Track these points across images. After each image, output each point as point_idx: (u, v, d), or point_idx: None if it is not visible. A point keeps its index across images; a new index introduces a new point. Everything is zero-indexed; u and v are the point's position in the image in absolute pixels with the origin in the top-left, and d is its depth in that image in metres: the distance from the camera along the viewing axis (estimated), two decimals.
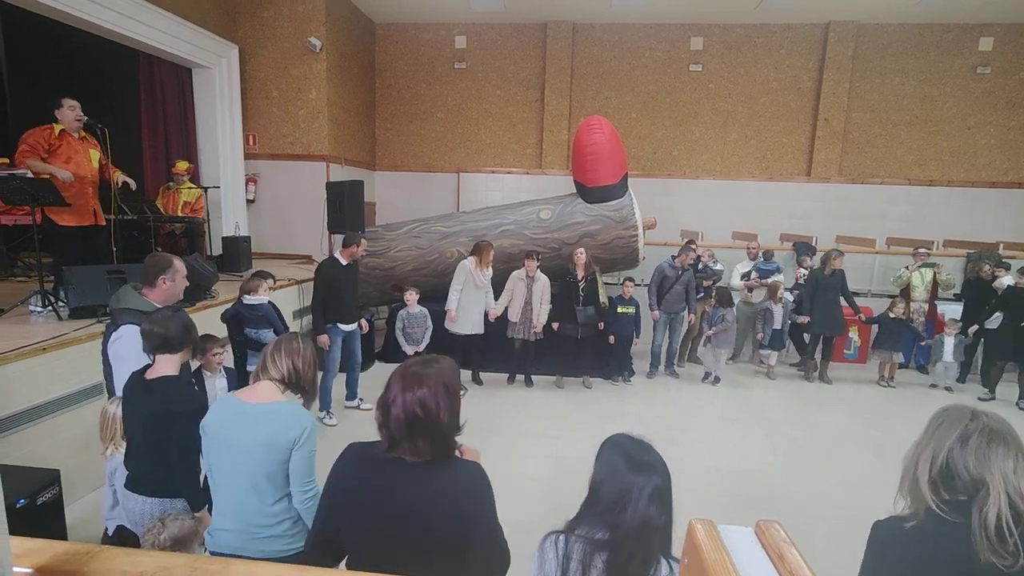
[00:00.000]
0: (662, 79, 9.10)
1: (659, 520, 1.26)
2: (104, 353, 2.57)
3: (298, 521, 1.88)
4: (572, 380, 6.04)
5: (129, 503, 2.14)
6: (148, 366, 2.17)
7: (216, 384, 3.26)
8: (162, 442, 2.05)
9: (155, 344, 2.11)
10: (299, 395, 1.94)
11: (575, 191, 6.59)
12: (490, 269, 5.68)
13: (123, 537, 2.40)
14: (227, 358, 3.63)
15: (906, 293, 6.72)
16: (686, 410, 5.47)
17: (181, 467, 2.07)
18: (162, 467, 2.07)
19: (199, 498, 2.11)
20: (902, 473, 1.32)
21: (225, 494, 1.85)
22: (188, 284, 2.79)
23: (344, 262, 4.75)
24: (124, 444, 2.32)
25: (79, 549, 1.29)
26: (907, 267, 6.75)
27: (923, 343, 6.54)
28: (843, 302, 6.32)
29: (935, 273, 6.59)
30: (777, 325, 6.42)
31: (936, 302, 6.92)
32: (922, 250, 6.75)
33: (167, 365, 2.12)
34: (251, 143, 7.73)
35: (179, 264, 2.69)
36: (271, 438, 1.78)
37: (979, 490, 1.18)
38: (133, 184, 4.69)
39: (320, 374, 1.91)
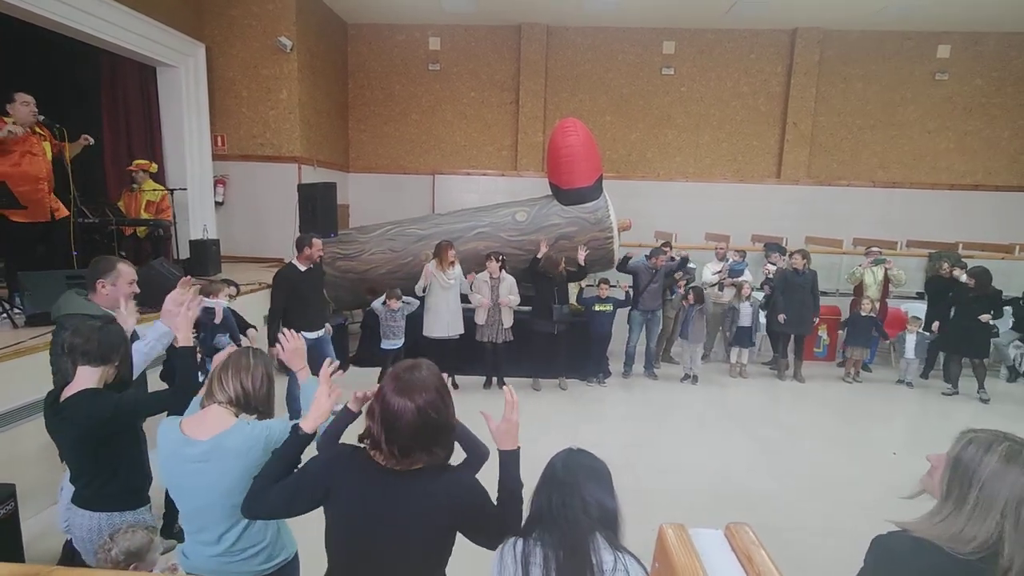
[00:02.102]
0: (635, 82, 9.20)
1: (599, 514, 1.32)
2: (54, 364, 2.46)
3: (275, 538, 1.82)
4: (548, 382, 6.05)
5: (76, 518, 2.04)
6: (65, 384, 2.01)
7: None
8: (100, 456, 1.96)
9: (74, 358, 1.96)
10: (260, 412, 1.79)
11: (550, 193, 6.60)
12: (455, 267, 5.63)
13: (71, 554, 2.31)
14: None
15: (860, 291, 6.90)
16: (661, 410, 5.53)
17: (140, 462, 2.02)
18: (105, 481, 2.00)
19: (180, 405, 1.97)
20: (974, 505, 1.11)
21: (196, 521, 1.74)
22: (139, 291, 2.62)
23: (303, 268, 4.55)
24: None
25: (27, 571, 1.23)
26: (860, 265, 6.92)
27: (887, 340, 6.74)
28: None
29: (886, 270, 6.77)
30: (745, 323, 6.53)
31: (888, 300, 7.08)
32: (874, 248, 6.94)
33: (87, 378, 1.96)
34: (219, 144, 7.55)
35: (124, 268, 2.54)
36: (229, 470, 1.66)
37: None
38: (89, 140, 4.71)
39: (272, 393, 1.83)
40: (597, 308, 6.01)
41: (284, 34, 7.27)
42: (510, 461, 1.48)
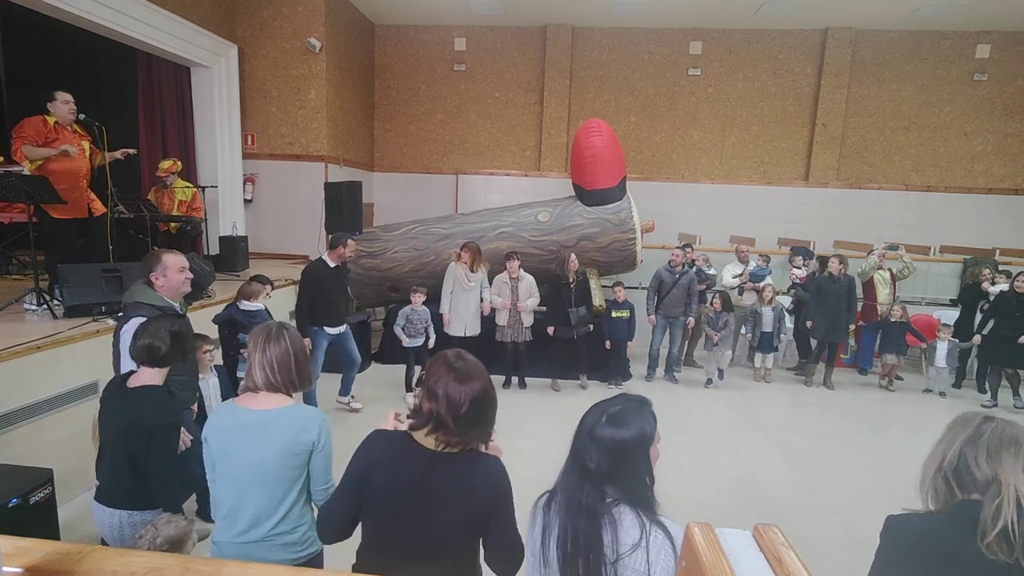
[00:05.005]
0: (661, 83, 9.12)
1: (627, 464, 1.32)
2: (115, 345, 2.55)
3: (312, 526, 1.83)
4: (568, 383, 6.04)
5: (97, 515, 2.05)
6: (131, 372, 2.11)
7: (209, 384, 3.24)
8: (135, 455, 1.98)
9: (142, 358, 2.05)
10: (298, 389, 1.85)
11: (574, 194, 6.59)
12: (480, 270, 5.65)
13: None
14: (217, 355, 3.62)
15: (870, 295, 6.70)
16: (683, 414, 5.47)
17: (159, 481, 2.01)
18: (131, 480, 2.00)
19: (175, 509, 2.06)
20: (921, 473, 1.36)
21: (236, 505, 1.76)
22: (192, 276, 2.70)
23: (332, 264, 4.69)
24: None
25: (70, 549, 1.28)
26: (876, 254, 6.65)
27: (923, 345, 6.55)
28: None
29: (891, 271, 6.54)
30: (767, 328, 6.41)
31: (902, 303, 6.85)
32: (878, 250, 6.72)
33: (152, 375, 2.06)
34: (249, 143, 7.71)
35: (169, 258, 2.59)
36: (288, 446, 1.71)
37: (990, 488, 1.21)
38: (127, 152, 4.67)
39: (308, 359, 1.87)
40: (614, 314, 5.97)
41: (313, 35, 7.40)
42: None
